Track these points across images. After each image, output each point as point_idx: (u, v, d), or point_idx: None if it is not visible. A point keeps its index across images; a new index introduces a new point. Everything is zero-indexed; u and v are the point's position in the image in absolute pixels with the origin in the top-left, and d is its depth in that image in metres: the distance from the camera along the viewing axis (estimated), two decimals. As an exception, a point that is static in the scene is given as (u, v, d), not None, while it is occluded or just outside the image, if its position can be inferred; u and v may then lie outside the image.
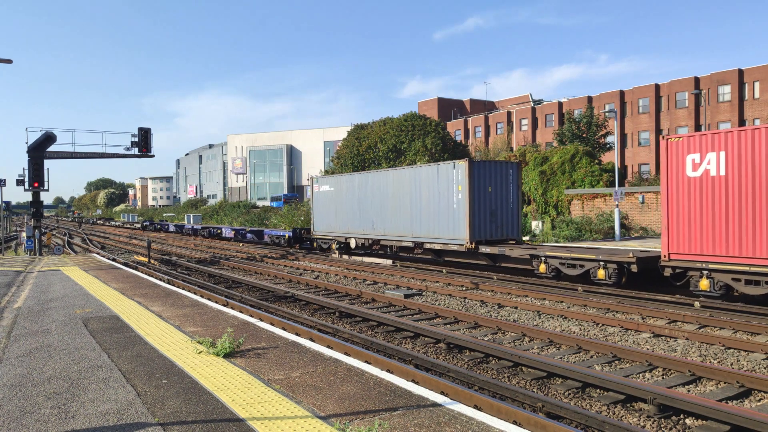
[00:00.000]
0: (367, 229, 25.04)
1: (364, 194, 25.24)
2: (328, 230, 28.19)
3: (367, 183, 25.17)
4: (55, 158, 28.37)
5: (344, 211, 26.73)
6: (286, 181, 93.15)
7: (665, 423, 6.72)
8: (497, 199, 20.80)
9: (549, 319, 12.84)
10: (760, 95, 47.81)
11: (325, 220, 28.47)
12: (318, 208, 29.12)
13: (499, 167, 20.96)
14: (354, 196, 26.02)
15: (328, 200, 28.19)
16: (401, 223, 22.96)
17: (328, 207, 28.13)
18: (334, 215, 27.47)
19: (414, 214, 22.26)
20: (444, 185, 20.89)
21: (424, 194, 21.81)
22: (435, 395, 5.92)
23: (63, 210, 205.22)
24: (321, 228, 28.91)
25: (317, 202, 29.15)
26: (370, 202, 24.86)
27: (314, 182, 29.65)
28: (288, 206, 57.83)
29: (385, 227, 23.89)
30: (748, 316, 12.42)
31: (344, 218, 26.70)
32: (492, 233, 20.62)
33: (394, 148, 49.10)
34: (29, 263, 22.80)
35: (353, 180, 26.34)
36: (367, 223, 24.99)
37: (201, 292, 15.75)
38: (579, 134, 43.83)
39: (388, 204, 23.69)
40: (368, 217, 24.93)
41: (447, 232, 20.81)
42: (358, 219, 25.60)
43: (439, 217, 21.11)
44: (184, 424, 5.12)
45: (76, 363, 7.23)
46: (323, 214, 28.55)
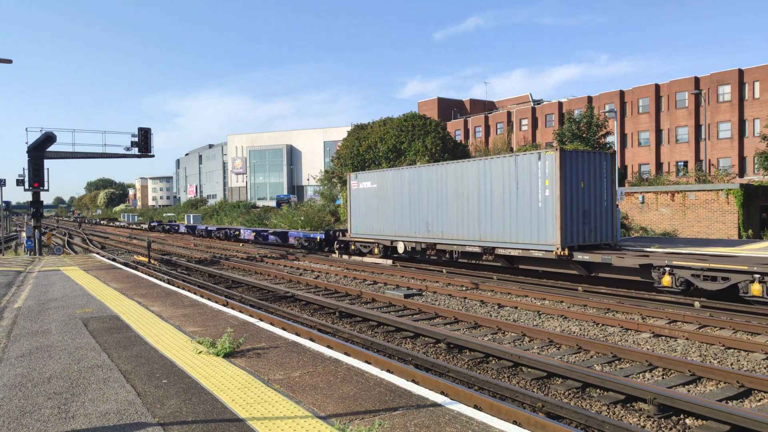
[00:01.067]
0: (419, 232, 21.94)
1: (417, 191, 22.02)
2: (370, 232, 25.06)
3: (420, 178, 21.95)
4: (55, 158, 28.37)
5: (390, 210, 23.65)
6: (286, 181, 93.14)
7: (665, 423, 6.72)
8: (590, 197, 17.54)
9: (549, 319, 12.84)
10: (760, 95, 47.79)
11: (365, 221, 25.36)
12: (356, 207, 26.06)
13: (591, 158, 17.69)
14: (403, 193, 22.82)
15: (369, 198, 24.96)
16: (465, 224, 19.81)
17: (369, 206, 25.00)
18: (377, 215, 24.40)
19: (483, 214, 19.08)
20: (524, 180, 17.63)
21: (496, 191, 18.58)
22: (435, 395, 5.92)
23: (63, 210, 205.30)
24: (361, 230, 25.74)
25: (355, 200, 26.07)
26: (424, 201, 21.69)
27: (351, 178, 26.55)
28: (288, 206, 57.82)
29: (444, 230, 20.73)
30: (748, 316, 12.42)
31: (390, 219, 23.62)
32: (585, 237, 17.32)
33: (394, 148, 49.09)
34: (29, 263, 22.79)
35: (402, 175, 23.06)
36: (419, 225, 21.95)
37: (201, 292, 15.74)
38: (579, 134, 43.80)
39: (448, 203, 20.50)
40: (421, 218, 21.81)
41: (527, 236, 17.53)
42: (408, 220, 22.49)
43: (517, 218, 17.88)
44: (184, 424, 5.12)
45: (76, 363, 7.23)
46: (363, 214, 25.44)
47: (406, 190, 22.74)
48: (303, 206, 57.44)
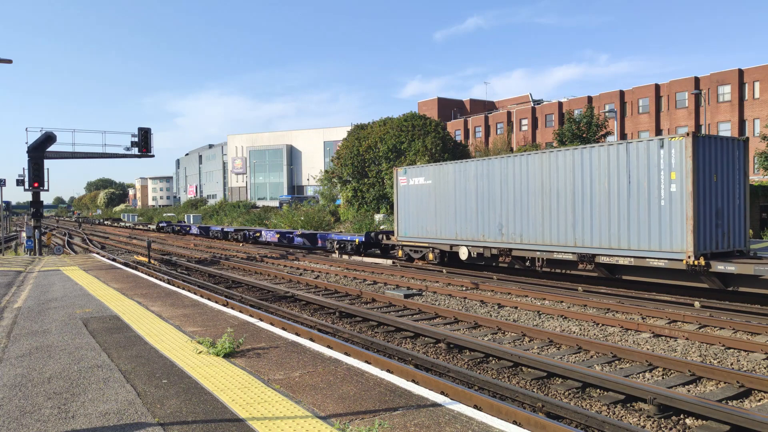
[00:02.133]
0: (489, 235, 18.98)
1: (487, 187, 19.10)
2: (422, 235, 22.10)
3: (491, 172, 18.96)
4: (55, 158, 28.38)
5: (450, 210, 20.66)
6: (286, 181, 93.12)
7: (665, 423, 6.72)
8: (723, 193, 14.62)
9: (549, 319, 12.84)
10: (760, 95, 47.80)
11: (417, 223, 22.34)
12: (405, 206, 23.02)
13: (724, 146, 14.71)
14: (468, 190, 19.86)
15: (422, 196, 22.06)
16: (554, 227, 16.75)
17: (422, 205, 22.06)
18: (434, 215, 21.42)
19: (579, 214, 16.01)
20: (639, 172, 14.64)
21: (599, 185, 15.60)
22: (435, 395, 5.91)
23: (63, 210, 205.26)
24: (411, 232, 22.71)
25: (404, 199, 23.11)
26: (496, 198, 18.70)
27: (399, 174, 23.51)
28: (287, 206, 57.82)
29: (523, 233, 17.72)
30: (748, 316, 12.42)
31: (450, 220, 20.69)
32: (718, 242, 14.34)
33: (394, 148, 49.10)
34: (29, 263, 22.79)
35: (467, 169, 20.04)
36: (489, 227, 18.99)
37: (201, 292, 15.74)
38: (579, 134, 43.81)
39: (530, 200, 17.53)
40: (492, 219, 18.87)
41: (643, 241, 14.47)
42: (475, 221, 19.55)
43: (628, 219, 14.82)
44: (184, 424, 5.12)
45: (76, 363, 7.23)
46: (414, 214, 22.44)
47: (471, 185, 19.71)
48: (303, 206, 57.46)
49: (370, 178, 50.60)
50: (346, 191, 52.58)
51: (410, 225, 22.84)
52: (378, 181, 50.26)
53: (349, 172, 52.09)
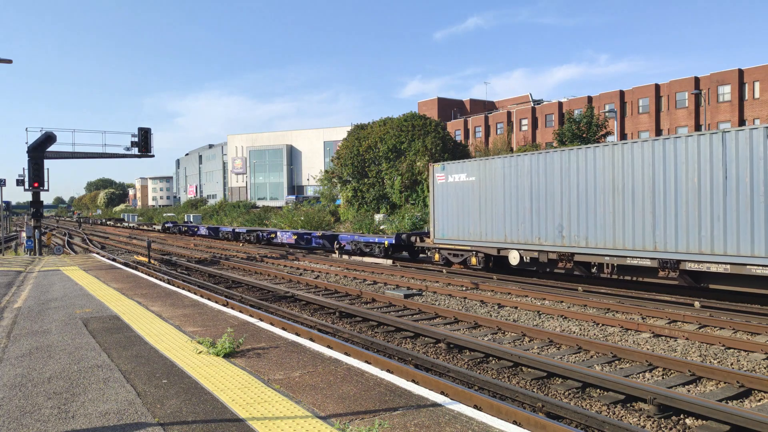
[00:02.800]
0: (547, 238, 17.09)
1: (543, 184, 17.28)
2: (464, 237, 20.17)
3: (549, 167, 17.10)
4: (55, 158, 28.38)
5: (498, 209, 18.75)
6: (286, 181, 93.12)
7: (665, 423, 6.72)
8: None
9: (549, 319, 12.84)
10: (760, 95, 47.80)
11: (457, 223, 20.47)
12: (443, 205, 21.19)
13: None
14: (521, 187, 18.00)
15: (464, 194, 20.16)
16: (628, 228, 14.98)
17: (463, 204, 20.16)
18: (478, 216, 19.55)
19: (660, 214, 14.28)
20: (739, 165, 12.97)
21: (686, 181, 13.89)
22: (435, 395, 5.91)
23: (63, 210, 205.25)
24: (450, 234, 20.83)
25: (442, 197, 21.25)
26: (555, 197, 16.85)
27: (436, 170, 21.56)
28: (287, 206, 57.82)
29: (589, 235, 15.90)
30: (748, 316, 12.42)
31: (498, 220, 18.79)
32: None
33: (394, 148, 49.10)
34: (29, 263, 22.79)
35: (520, 164, 18.12)
36: (546, 228, 17.10)
37: (201, 292, 15.74)
38: (579, 134, 43.81)
39: (597, 198, 15.74)
40: (550, 219, 17.01)
41: (744, 246, 12.75)
42: (529, 222, 17.65)
43: (724, 220, 13.13)
44: (184, 424, 5.12)
45: (76, 363, 7.23)
46: (454, 214, 20.60)
47: (525, 182, 17.87)
48: (303, 206, 57.48)
49: (370, 178, 50.59)
50: (346, 191, 52.58)
51: (449, 226, 20.91)
52: (378, 181, 50.25)
53: (349, 172, 52.09)
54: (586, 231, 16.07)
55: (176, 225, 58.80)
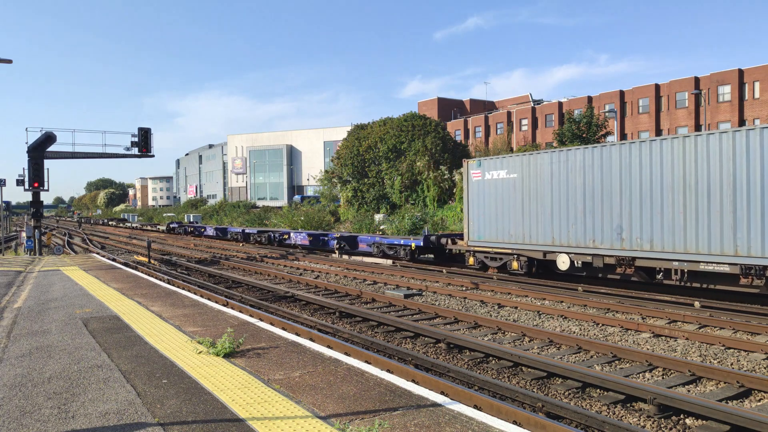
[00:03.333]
0: (602, 240, 15.63)
1: (599, 181, 15.80)
2: (504, 240, 18.59)
3: (608, 163, 15.62)
4: (55, 158, 28.37)
5: (545, 209, 17.27)
6: (286, 181, 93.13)
7: (665, 423, 6.72)
8: None
9: (549, 319, 12.84)
10: (760, 95, 47.80)
11: (495, 224, 18.92)
12: (479, 205, 19.56)
13: None
14: (572, 184, 16.52)
15: (504, 192, 18.63)
16: (702, 230, 13.61)
17: (503, 203, 18.65)
18: (520, 216, 18.07)
19: (743, 215, 12.95)
20: None
21: None
22: (435, 395, 5.91)
23: (63, 210, 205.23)
24: (487, 235, 19.23)
25: (477, 195, 19.65)
26: (614, 195, 15.40)
27: (472, 167, 19.96)
28: (287, 207, 57.82)
29: (654, 237, 14.46)
30: (748, 316, 12.42)
31: (544, 221, 17.29)
32: None
33: (394, 148, 49.11)
34: (29, 263, 22.79)
35: (572, 159, 16.59)
36: (602, 230, 15.68)
37: (201, 292, 15.74)
38: (579, 134, 43.81)
39: (665, 197, 14.30)
40: (606, 220, 15.57)
41: None
42: (581, 223, 16.20)
43: None
44: (184, 424, 5.12)
45: (76, 363, 7.23)
46: (492, 214, 19.05)
47: (577, 179, 16.43)
48: (303, 206, 57.48)
49: (370, 178, 50.59)
50: (346, 191, 52.59)
51: (486, 227, 19.27)
52: (378, 181, 50.26)
53: (349, 172, 52.09)
54: (650, 233, 14.62)
55: (181, 225, 56.73)
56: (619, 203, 15.37)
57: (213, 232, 47.00)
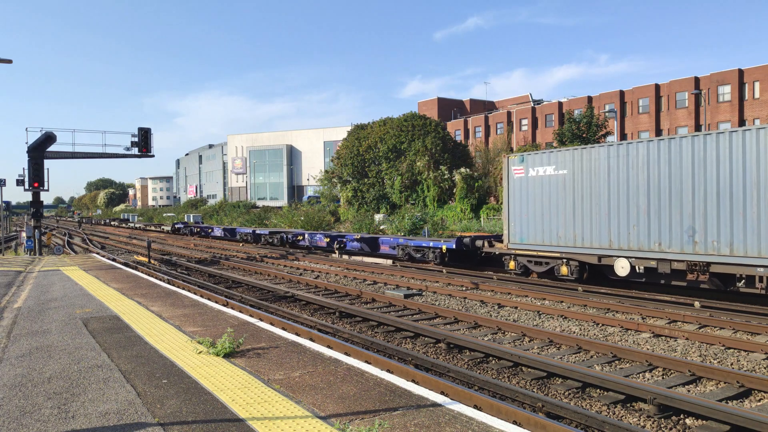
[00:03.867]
0: (671, 243, 14.18)
1: (667, 178, 14.36)
2: (550, 242, 17.12)
3: (677, 157, 14.20)
4: (55, 158, 28.38)
5: (600, 209, 15.80)
6: (286, 181, 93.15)
7: (665, 423, 6.72)
8: None
9: (549, 319, 12.84)
10: (760, 95, 47.80)
11: (540, 225, 17.41)
12: (521, 204, 18.09)
13: None
14: (634, 181, 15.08)
15: (551, 191, 17.13)
16: None
17: (550, 202, 17.16)
18: (571, 216, 16.55)
19: None
20: None
21: None
22: (435, 395, 5.91)
23: (63, 210, 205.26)
24: (531, 238, 17.74)
25: (519, 194, 18.16)
26: (685, 193, 13.97)
27: (513, 162, 18.41)
28: (287, 207, 57.83)
29: (734, 240, 13.07)
30: (748, 316, 12.42)
31: (599, 222, 15.81)
32: None
33: (394, 148, 49.11)
34: (29, 263, 22.79)
35: (633, 153, 15.15)
36: (670, 232, 14.22)
37: (201, 292, 15.74)
38: (579, 134, 43.83)
39: (748, 195, 12.92)
40: (675, 221, 14.12)
41: None
42: (645, 224, 14.75)
43: None
44: (184, 424, 5.12)
45: (76, 363, 7.23)
46: (536, 214, 17.57)
47: (640, 175, 14.94)
48: (303, 206, 57.50)
49: (370, 178, 50.59)
50: (346, 191, 52.61)
51: (530, 229, 17.73)
52: (378, 181, 50.25)
53: (349, 172, 52.10)
54: (729, 235, 13.17)
55: (187, 226, 54.62)
56: (691, 202, 13.90)
57: (221, 233, 45.29)
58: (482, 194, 43.23)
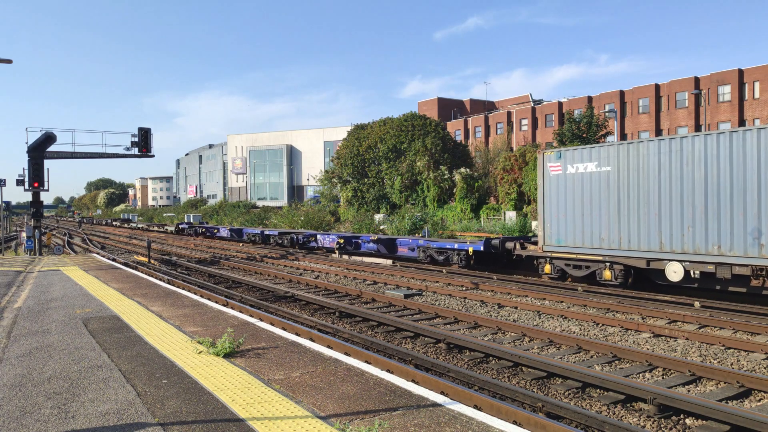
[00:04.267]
0: (732, 246, 13.24)
1: (730, 174, 13.34)
2: (591, 245, 16.00)
3: (740, 151, 13.21)
4: (55, 158, 28.38)
5: (650, 208, 14.79)
6: (286, 181, 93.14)
7: (665, 423, 6.72)
8: None
9: (549, 319, 12.84)
10: (760, 95, 47.80)
11: (581, 226, 16.26)
12: (558, 203, 16.92)
13: None
14: (689, 178, 14.07)
15: (592, 189, 16.04)
16: None
17: (591, 202, 16.04)
18: (616, 216, 15.45)
19: None
20: None
21: None
22: (435, 395, 5.91)
23: (63, 210, 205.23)
24: (569, 239, 16.58)
25: (556, 192, 16.99)
26: (750, 191, 12.98)
27: (548, 159, 17.25)
28: (287, 206, 57.83)
29: None
30: (748, 316, 12.42)
31: (649, 222, 14.82)
32: None
33: (394, 148, 49.11)
34: (29, 263, 22.79)
35: (687, 147, 14.13)
36: (732, 234, 13.23)
37: (201, 292, 15.74)
38: (579, 134, 43.83)
39: None
40: (737, 222, 13.15)
41: None
42: (702, 225, 13.74)
43: None
44: (184, 424, 5.12)
45: (76, 363, 7.23)
46: (576, 214, 16.40)
47: (696, 172, 13.90)
48: (303, 206, 57.51)
49: (370, 178, 50.59)
50: (346, 191, 52.61)
51: (568, 230, 16.58)
52: (378, 181, 50.25)
53: (349, 172, 52.10)
54: None
55: (191, 226, 53.17)
56: (756, 201, 12.88)
57: (227, 234, 43.89)
58: (482, 194, 43.24)
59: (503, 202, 40.21)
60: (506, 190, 39.63)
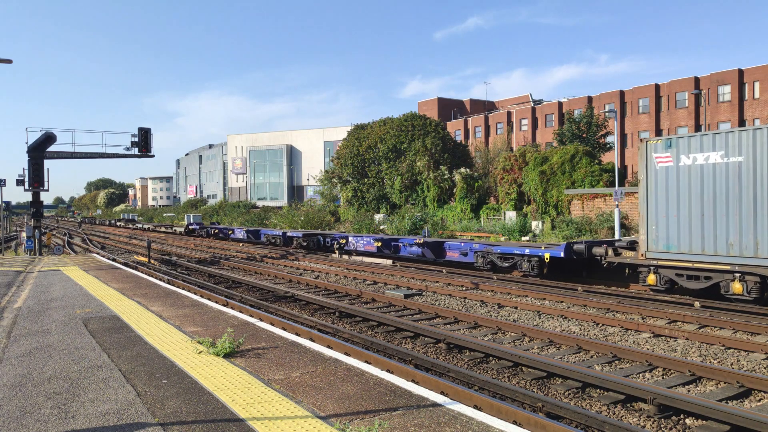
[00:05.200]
0: None
1: None
2: (712, 251, 13.48)
3: None
4: (55, 158, 28.38)
5: None
6: (286, 181, 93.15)
7: (665, 423, 6.72)
8: None
9: (549, 319, 12.84)
10: (760, 95, 47.80)
11: (699, 229, 13.76)
12: (667, 202, 14.39)
13: None
14: None
15: (715, 184, 13.50)
16: None
17: (713, 200, 13.53)
18: (751, 217, 12.89)
19: None
20: None
21: None
22: (435, 395, 5.91)
23: (63, 210, 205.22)
24: (682, 245, 14.05)
25: (664, 189, 14.43)
26: None
27: (656, 148, 14.64)
28: (287, 207, 57.81)
29: None
30: (748, 316, 12.42)
31: None
32: None
33: (394, 148, 49.10)
34: (29, 263, 22.79)
35: None
36: None
37: (201, 292, 15.74)
38: (579, 134, 43.84)
39: None
40: None
41: None
42: None
43: None
44: (184, 424, 5.12)
45: (76, 363, 7.23)
46: (692, 215, 13.89)
47: None
48: (303, 206, 57.51)
49: (370, 178, 50.60)
50: (346, 191, 52.61)
51: (682, 233, 14.07)
52: (378, 181, 50.25)
53: (349, 172, 52.10)
54: None
55: (203, 227, 49.75)
56: None
57: (243, 235, 40.24)
58: (482, 194, 43.23)
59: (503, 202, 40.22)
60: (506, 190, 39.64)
